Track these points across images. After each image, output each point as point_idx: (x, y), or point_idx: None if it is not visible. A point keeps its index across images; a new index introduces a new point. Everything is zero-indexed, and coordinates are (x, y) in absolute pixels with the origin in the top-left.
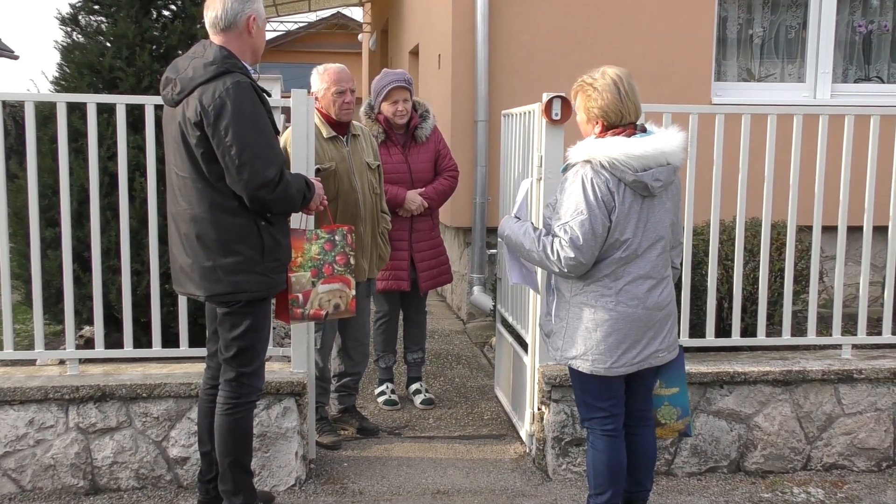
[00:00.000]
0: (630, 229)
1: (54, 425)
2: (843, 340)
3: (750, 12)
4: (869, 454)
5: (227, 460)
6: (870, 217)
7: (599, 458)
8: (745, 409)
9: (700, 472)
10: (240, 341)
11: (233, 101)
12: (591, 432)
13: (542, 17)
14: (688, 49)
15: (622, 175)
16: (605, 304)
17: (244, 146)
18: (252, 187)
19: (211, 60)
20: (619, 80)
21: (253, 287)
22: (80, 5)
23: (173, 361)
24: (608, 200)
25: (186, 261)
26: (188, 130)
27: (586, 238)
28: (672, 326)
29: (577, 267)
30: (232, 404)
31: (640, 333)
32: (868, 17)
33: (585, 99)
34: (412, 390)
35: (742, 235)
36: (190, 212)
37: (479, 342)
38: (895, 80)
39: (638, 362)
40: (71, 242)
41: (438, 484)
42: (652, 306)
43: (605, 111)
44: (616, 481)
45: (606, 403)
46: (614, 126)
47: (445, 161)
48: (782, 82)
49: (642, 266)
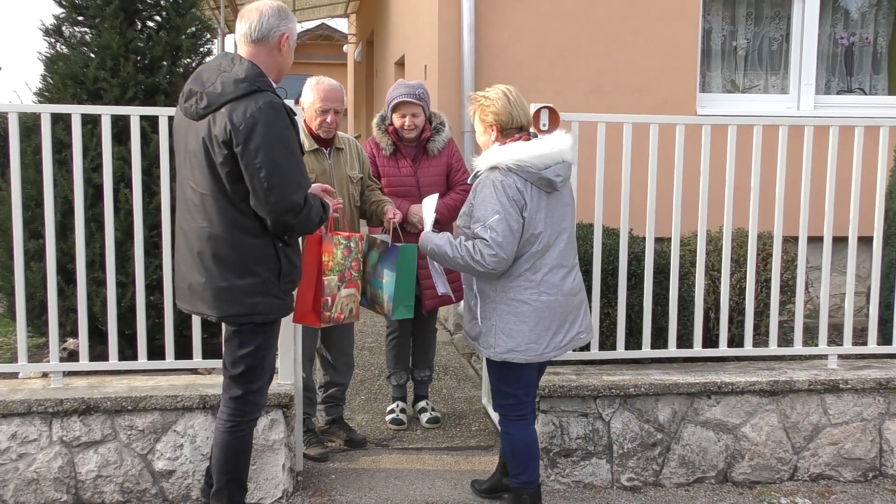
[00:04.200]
0: (541, 223)
1: (38, 439)
2: (829, 350)
3: (734, 24)
4: (855, 464)
5: (226, 477)
6: (854, 228)
7: (514, 441)
8: (732, 419)
9: (688, 482)
10: (249, 359)
11: (265, 122)
12: (504, 418)
13: (527, 30)
14: (672, 60)
15: (527, 175)
16: (529, 296)
17: (274, 169)
18: (278, 211)
19: (242, 77)
20: (508, 91)
21: (268, 310)
22: (63, 16)
23: (159, 374)
24: (519, 199)
25: (198, 279)
26: (214, 148)
27: (504, 235)
28: (585, 310)
29: (500, 262)
30: (236, 422)
31: (562, 318)
32: (850, 30)
33: (480, 111)
34: (418, 408)
35: (729, 246)
36: (208, 230)
37: (466, 353)
38: (877, 92)
39: (564, 346)
40: (55, 254)
41: (426, 496)
42: (567, 292)
43: (497, 115)
44: (531, 459)
45: (521, 391)
46: (508, 129)
47: (458, 175)
48: (766, 93)
49: (555, 257)
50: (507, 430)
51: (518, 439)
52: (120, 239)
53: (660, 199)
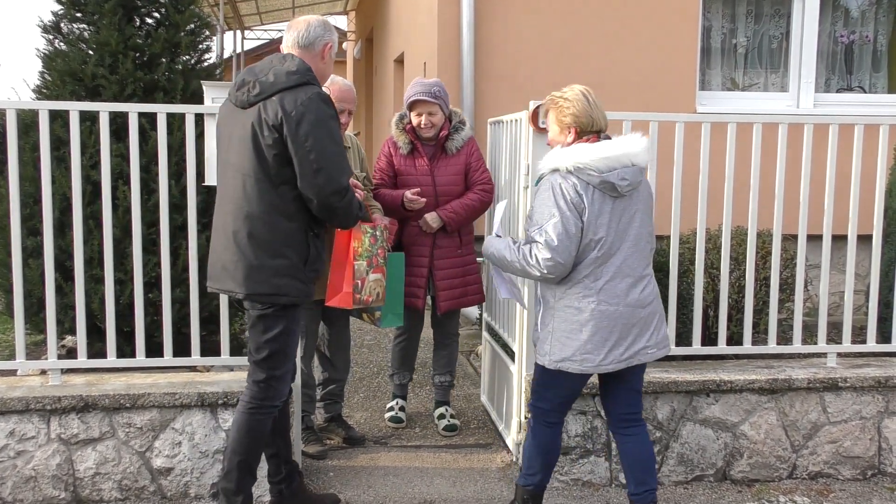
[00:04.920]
0: (603, 229)
1: (36, 436)
2: (828, 349)
3: (734, 22)
4: (854, 462)
5: (237, 458)
6: (854, 226)
7: (537, 443)
8: (731, 417)
9: (686, 480)
10: (273, 344)
11: (314, 111)
12: (535, 419)
13: (527, 27)
14: (672, 58)
15: (588, 178)
16: (588, 304)
17: (321, 153)
18: (326, 192)
19: (294, 70)
20: (587, 92)
21: (293, 292)
22: (62, 13)
23: (159, 371)
24: (577, 203)
25: (231, 258)
26: (263, 132)
27: (560, 239)
28: (660, 323)
29: (555, 267)
30: (256, 405)
31: (624, 330)
32: (850, 28)
33: (557, 111)
34: (436, 414)
35: (728, 244)
36: (246, 209)
37: (465, 351)
38: (877, 90)
39: (626, 359)
40: (53, 252)
41: (425, 493)
42: (633, 303)
43: (577, 117)
44: (549, 465)
45: (559, 401)
46: (586, 132)
47: (477, 174)
48: (766, 91)
49: (618, 264)
50: (535, 431)
51: (541, 442)
52: (118, 236)
53: (659, 196)
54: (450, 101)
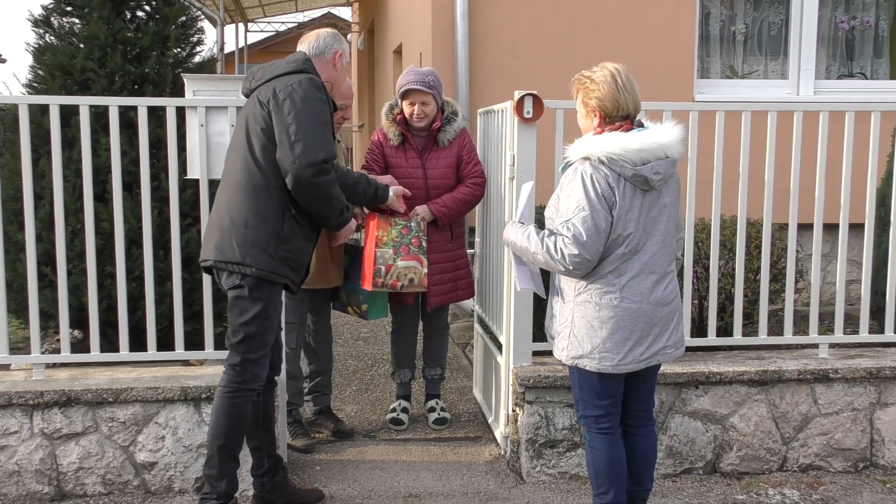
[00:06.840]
0: (632, 224)
1: (18, 431)
2: (820, 340)
3: (732, 9)
4: (845, 455)
5: (218, 443)
6: (846, 215)
7: (598, 456)
8: (720, 409)
9: (675, 473)
10: (248, 327)
11: (302, 91)
12: (588, 431)
13: (521, 17)
14: (670, 46)
15: (621, 170)
16: (610, 300)
17: (302, 126)
18: (301, 164)
19: (294, 59)
20: (617, 73)
21: (259, 264)
22: (52, 6)
23: (142, 366)
24: (609, 196)
25: (215, 226)
26: (256, 111)
27: (590, 234)
28: (678, 322)
29: (582, 264)
30: (233, 388)
31: (645, 329)
32: (850, 14)
33: (584, 93)
34: (427, 408)
35: (717, 233)
36: (238, 180)
37: (461, 343)
38: (878, 77)
39: (646, 359)
40: (35, 246)
41: (411, 487)
42: (656, 301)
43: (601, 101)
44: (617, 478)
45: (605, 402)
46: (612, 117)
47: (469, 167)
48: (766, 79)
49: (644, 261)
50: (591, 445)
51: (601, 455)
52: (108, 230)
53: None
54: (444, 92)
